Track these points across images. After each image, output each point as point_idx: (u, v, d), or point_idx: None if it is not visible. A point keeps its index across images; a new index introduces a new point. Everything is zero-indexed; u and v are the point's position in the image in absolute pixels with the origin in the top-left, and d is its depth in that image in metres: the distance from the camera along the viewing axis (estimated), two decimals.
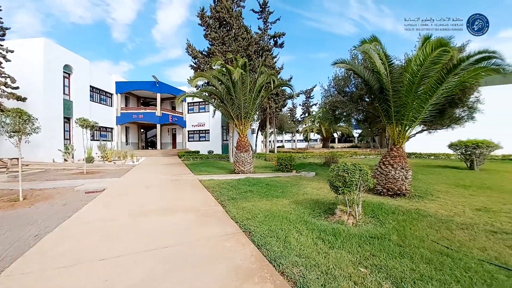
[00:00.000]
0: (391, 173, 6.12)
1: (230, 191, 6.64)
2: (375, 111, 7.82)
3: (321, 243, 3.26)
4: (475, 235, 3.53)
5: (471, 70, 5.34)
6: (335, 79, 11.03)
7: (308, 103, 52.59)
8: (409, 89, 5.68)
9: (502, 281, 2.33)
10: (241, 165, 10.42)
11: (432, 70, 5.37)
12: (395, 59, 6.18)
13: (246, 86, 9.90)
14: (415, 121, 6.04)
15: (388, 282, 2.37)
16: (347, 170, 4.06)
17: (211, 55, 17.09)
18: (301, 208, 4.90)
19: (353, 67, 6.96)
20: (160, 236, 3.56)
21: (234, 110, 10.60)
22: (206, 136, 29.40)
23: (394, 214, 4.47)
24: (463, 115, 8.92)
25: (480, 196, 5.97)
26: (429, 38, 5.45)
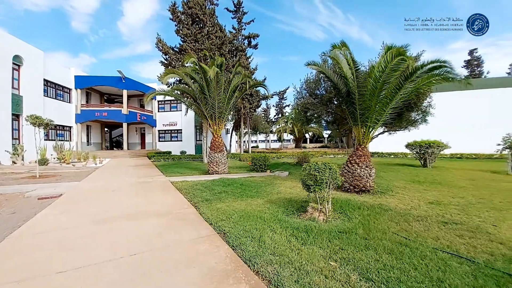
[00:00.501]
0: (357, 171, 6.56)
1: (204, 192, 6.50)
2: (343, 113, 8.33)
3: (294, 240, 3.36)
4: (429, 226, 3.96)
5: (425, 77, 5.97)
6: (307, 82, 11.46)
7: (282, 104, 53.90)
8: (373, 93, 6.14)
9: (455, 267, 2.65)
10: (215, 166, 10.25)
11: (392, 76, 5.88)
12: (361, 65, 6.63)
13: (220, 86, 9.78)
14: (377, 123, 6.56)
15: (356, 273, 2.53)
16: (318, 169, 4.25)
17: (183, 52, 16.54)
18: (275, 207, 5.00)
19: (324, 70, 7.30)
20: (127, 243, 3.33)
21: (208, 110, 10.39)
22: (178, 136, 28.33)
23: (360, 210, 4.79)
24: (417, 118, 9.94)
25: (432, 191, 6.71)
26: (392, 47, 5.96)
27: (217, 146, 10.45)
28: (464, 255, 2.92)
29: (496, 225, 3.96)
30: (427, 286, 2.29)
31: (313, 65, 7.19)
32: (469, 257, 2.87)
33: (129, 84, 23.52)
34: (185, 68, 11.44)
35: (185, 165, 14.54)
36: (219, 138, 10.66)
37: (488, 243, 3.24)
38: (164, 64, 17.48)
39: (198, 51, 16.32)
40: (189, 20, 16.95)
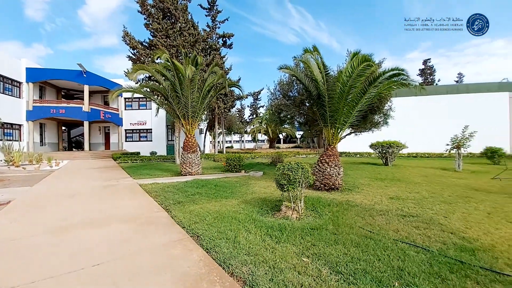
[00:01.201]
0: (327, 170, 6.90)
1: (176, 194, 6.26)
2: (314, 115, 8.68)
3: (269, 239, 3.41)
4: (390, 219, 4.32)
5: (386, 83, 6.51)
6: (280, 84, 11.71)
7: (256, 105, 54.35)
8: (341, 96, 6.52)
9: (413, 256, 2.92)
10: (188, 167, 9.94)
11: (358, 81, 6.31)
12: (330, 70, 6.99)
13: (194, 85, 9.51)
14: (345, 124, 6.98)
15: (326, 267, 2.66)
16: (291, 168, 4.38)
17: (153, 48, 15.74)
18: (250, 207, 5.02)
19: (296, 73, 7.55)
20: (90, 253, 3.07)
21: (180, 109, 10.03)
22: (148, 135, 26.86)
23: (329, 206, 5.04)
24: (380, 120, 10.77)
25: (393, 187, 7.34)
26: (358, 53, 6.38)
27: (190, 147, 10.15)
28: (420, 244, 3.25)
29: (447, 216, 4.47)
30: (389, 275, 2.50)
31: (286, 69, 7.39)
32: (425, 246, 3.20)
33: (91, 79, 21.65)
34: (156, 65, 10.90)
35: (156, 167, 13.84)
36: (193, 138, 10.37)
37: (440, 233, 3.65)
38: (132, 60, 16.45)
39: (169, 48, 15.68)
40: (159, 14, 16.19)
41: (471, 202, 5.47)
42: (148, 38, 16.67)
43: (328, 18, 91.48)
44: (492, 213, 4.61)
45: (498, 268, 2.61)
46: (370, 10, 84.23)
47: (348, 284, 2.34)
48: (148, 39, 16.56)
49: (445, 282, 2.38)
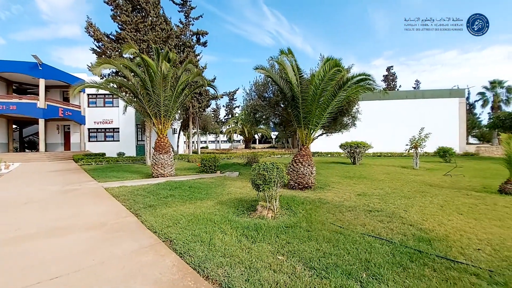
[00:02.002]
0: (301, 169, 7.13)
1: (147, 197, 5.95)
2: (289, 116, 8.90)
3: (245, 239, 3.41)
4: (358, 214, 4.61)
5: (354, 87, 6.94)
6: (255, 84, 11.79)
7: (232, 105, 53.99)
8: (313, 99, 6.78)
9: (378, 248, 3.15)
10: (160, 168, 9.50)
11: (329, 85, 6.62)
12: (304, 73, 7.23)
13: (167, 82, 9.12)
14: (317, 125, 7.28)
15: (300, 264, 2.74)
16: (267, 169, 4.43)
17: (121, 41, 14.76)
18: (226, 208, 4.97)
19: (271, 75, 7.66)
20: (47, 266, 2.77)
21: (151, 107, 9.55)
22: (115, 135, 25.06)
23: (303, 205, 5.21)
24: (349, 122, 11.43)
25: (360, 184, 7.84)
26: (330, 59, 6.69)
27: (163, 147, 9.72)
28: (385, 237, 3.52)
29: (406, 210, 4.91)
30: (358, 267, 2.67)
31: (261, 69, 7.47)
32: (388, 238, 3.47)
33: (48, 72, 19.55)
34: (124, 60, 10.23)
35: (124, 168, 12.97)
36: (165, 138, 9.94)
37: (401, 226, 3.99)
38: (97, 53, 15.23)
39: (140, 42, 14.84)
40: (128, 6, 15.24)
41: (427, 196, 6.08)
42: (115, 31, 15.58)
43: (302, 23, 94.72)
44: (445, 206, 5.18)
45: (452, 256, 2.94)
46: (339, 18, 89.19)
47: (321, 279, 2.44)
48: (115, 32, 15.48)
49: (406, 270, 2.61)
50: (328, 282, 2.38)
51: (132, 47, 8.40)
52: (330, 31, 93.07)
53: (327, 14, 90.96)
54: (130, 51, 8.34)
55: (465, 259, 2.85)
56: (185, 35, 22.56)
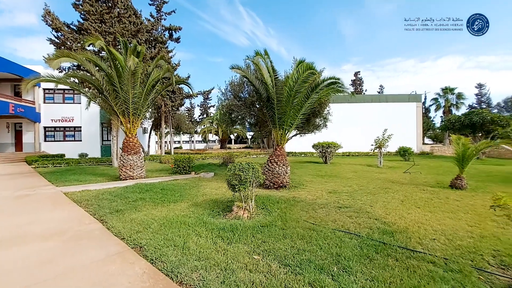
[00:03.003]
0: (276, 169, 7.26)
1: (114, 202, 5.55)
2: (264, 116, 9.00)
3: (220, 241, 3.37)
4: (329, 211, 4.84)
5: (325, 89, 7.27)
6: (231, 84, 11.71)
7: (207, 105, 52.91)
8: (288, 100, 6.95)
9: (347, 242, 3.34)
10: (129, 170, 8.93)
11: (303, 87, 6.85)
12: (279, 75, 7.39)
13: (137, 78, 8.59)
14: (292, 126, 7.48)
15: (276, 262, 2.79)
16: (242, 169, 4.43)
17: (83, 32, 13.57)
18: (200, 210, 4.85)
19: (247, 75, 7.68)
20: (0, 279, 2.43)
21: (119, 105, 8.93)
22: (76, 134, 22.91)
23: (278, 204, 5.32)
24: (320, 123, 11.95)
25: (331, 182, 8.23)
26: (302, 61, 6.91)
27: (132, 147, 9.15)
28: (353, 231, 3.74)
29: (372, 205, 5.28)
30: (329, 261, 2.80)
31: (237, 69, 7.45)
32: (356, 232, 3.70)
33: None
34: (87, 52, 9.42)
35: (87, 171, 11.94)
36: (134, 138, 9.38)
37: (367, 220, 4.28)
38: (55, 44, 13.80)
39: (105, 34, 13.78)
40: None
41: (389, 192, 6.61)
42: (77, 21, 14.26)
43: (277, 26, 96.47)
44: (405, 201, 5.68)
45: (412, 246, 3.23)
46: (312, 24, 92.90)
47: (295, 275, 2.51)
48: (77, 22, 14.17)
49: (372, 262, 2.80)
50: (302, 278, 2.46)
51: (99, 39, 7.72)
52: (304, 36, 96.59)
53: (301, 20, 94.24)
54: (95, 43, 7.64)
55: (423, 249, 3.16)
56: (157, 30, 21.51)
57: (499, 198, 2.54)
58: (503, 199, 2.50)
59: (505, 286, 2.33)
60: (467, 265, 2.69)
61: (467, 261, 2.80)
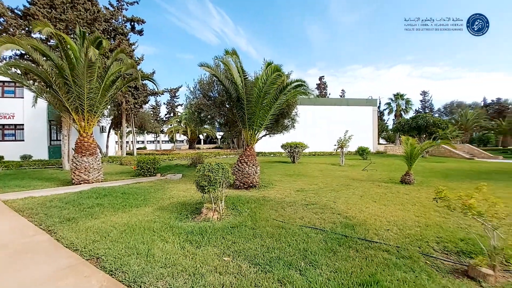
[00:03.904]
0: (246, 169, 7.29)
1: (65, 209, 4.96)
2: (234, 116, 8.95)
3: (189, 245, 3.25)
4: (297, 209, 5.02)
5: (293, 91, 7.54)
6: (200, 82, 11.37)
7: (174, 103, 50.64)
8: (257, 101, 7.03)
9: (313, 237, 3.50)
10: (83, 173, 8.07)
11: (272, 88, 6.99)
12: (249, 75, 7.43)
13: (94, 72, 7.79)
14: (261, 126, 7.59)
15: (246, 262, 2.80)
16: (212, 169, 4.34)
17: (29, 18, 11.85)
18: (167, 214, 4.62)
19: (216, 74, 7.56)
20: None
21: (71, 100, 8.02)
22: (17, 133, 19.84)
23: (248, 203, 5.34)
24: (289, 124, 12.34)
25: (298, 181, 8.56)
26: (271, 63, 7.04)
27: (87, 148, 8.29)
28: (319, 226, 3.95)
29: (335, 201, 5.63)
30: (297, 256, 2.90)
31: (206, 67, 7.28)
32: (321, 227, 3.90)
33: None
34: (33, 40, 8.23)
35: (32, 175, 10.44)
36: (90, 138, 8.51)
37: (331, 215, 4.55)
38: None
39: (56, 22, 12.26)
40: None
41: (350, 189, 7.14)
42: (23, 5, 12.41)
43: (246, 26, 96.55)
44: (363, 196, 6.18)
45: (369, 237, 3.53)
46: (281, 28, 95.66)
47: (265, 273, 2.55)
48: (23, 6, 12.33)
49: (336, 254, 2.99)
50: (272, 275, 2.50)
51: (47, 25, 6.75)
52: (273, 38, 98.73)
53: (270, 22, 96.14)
54: (44, 30, 6.65)
55: (379, 239, 3.48)
56: (117, 20, 19.84)
57: (441, 191, 2.92)
58: (444, 192, 2.88)
59: (449, 269, 2.68)
60: (416, 252, 3.05)
61: (415, 248, 3.16)
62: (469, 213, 2.53)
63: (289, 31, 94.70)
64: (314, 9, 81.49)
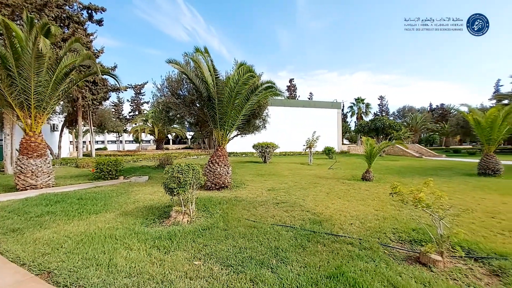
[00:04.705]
0: (217, 170, 7.18)
1: (9, 219, 4.32)
2: (205, 116, 8.75)
3: (156, 251, 3.08)
4: (268, 207, 5.11)
5: (264, 92, 7.65)
6: (169, 80, 10.86)
7: (139, 100, 47.47)
8: (229, 101, 6.99)
9: (284, 235, 3.60)
10: (30, 177, 7.10)
11: (243, 88, 7.01)
12: (220, 75, 7.32)
13: (43, 63, 6.89)
14: (233, 127, 7.55)
15: (218, 264, 2.75)
16: (182, 170, 4.18)
17: None
18: (132, 219, 4.31)
19: (186, 71, 7.29)
20: None
21: (15, 95, 7.01)
22: None
23: (220, 204, 5.27)
24: (260, 124, 12.51)
25: (270, 181, 8.72)
26: (243, 64, 7.06)
27: (34, 149, 7.32)
28: (289, 224, 4.07)
29: (304, 199, 5.87)
30: (269, 255, 2.96)
31: (175, 64, 6.98)
32: (292, 225, 4.03)
33: None
34: None
35: None
36: (38, 137, 7.53)
37: (301, 213, 4.73)
38: None
39: (1, 7, 10.56)
40: None
41: (318, 186, 7.51)
42: None
43: (218, 26, 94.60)
44: (329, 193, 6.55)
45: (335, 232, 3.75)
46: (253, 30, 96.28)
47: (237, 274, 2.54)
48: None
49: (305, 249, 3.12)
50: (244, 275, 2.51)
51: None
52: (245, 40, 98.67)
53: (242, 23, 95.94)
54: None
55: (343, 233, 3.72)
56: (72, 7, 17.88)
57: (395, 187, 3.25)
58: (398, 188, 3.21)
59: (404, 257, 2.98)
60: (375, 243, 3.33)
61: (375, 239, 3.46)
62: (419, 205, 2.85)
63: (260, 34, 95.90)
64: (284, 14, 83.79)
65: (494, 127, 9.29)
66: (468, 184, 7.70)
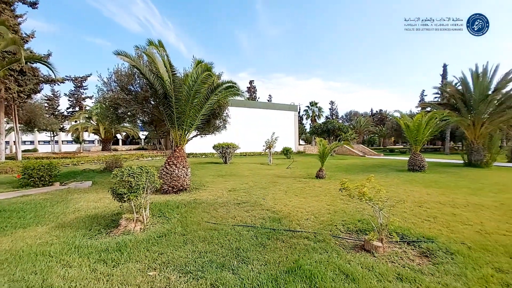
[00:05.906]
0: (175, 172, 6.81)
1: None
2: (161, 114, 8.19)
3: (102, 266, 2.75)
4: (229, 208, 5.07)
5: (224, 92, 7.57)
6: (117, 73, 9.81)
7: (80, 95, 41.68)
8: (187, 99, 6.70)
9: (245, 235, 3.61)
10: None
11: (202, 87, 6.81)
12: (178, 72, 6.95)
13: None
14: (192, 127, 7.27)
15: (176, 272, 2.61)
16: (133, 174, 3.83)
17: None
18: (71, 232, 3.76)
19: (138, 65, 6.70)
20: None
21: None
22: None
23: (178, 208, 5.01)
24: (220, 124, 12.34)
25: (230, 181, 8.67)
26: (201, 62, 6.85)
27: None
28: (250, 224, 4.11)
29: (264, 198, 6.01)
30: (230, 256, 2.93)
31: (125, 57, 6.34)
32: (252, 224, 4.08)
33: None
34: None
35: None
36: None
37: (261, 212, 4.82)
38: None
39: None
40: None
41: (277, 185, 7.79)
42: None
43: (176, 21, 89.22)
44: (287, 191, 6.86)
45: (293, 228, 3.94)
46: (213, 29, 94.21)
47: (197, 280, 2.45)
48: None
49: (265, 247, 3.19)
50: (204, 281, 2.43)
51: None
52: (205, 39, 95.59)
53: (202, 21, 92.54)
54: None
55: (300, 228, 3.94)
56: None
57: (344, 183, 3.60)
58: (346, 184, 3.56)
59: (352, 246, 3.30)
60: (328, 235, 3.62)
61: (327, 232, 3.76)
62: (363, 199, 3.20)
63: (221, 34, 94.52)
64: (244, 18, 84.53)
65: (420, 130, 11.13)
66: (400, 179, 9.01)
